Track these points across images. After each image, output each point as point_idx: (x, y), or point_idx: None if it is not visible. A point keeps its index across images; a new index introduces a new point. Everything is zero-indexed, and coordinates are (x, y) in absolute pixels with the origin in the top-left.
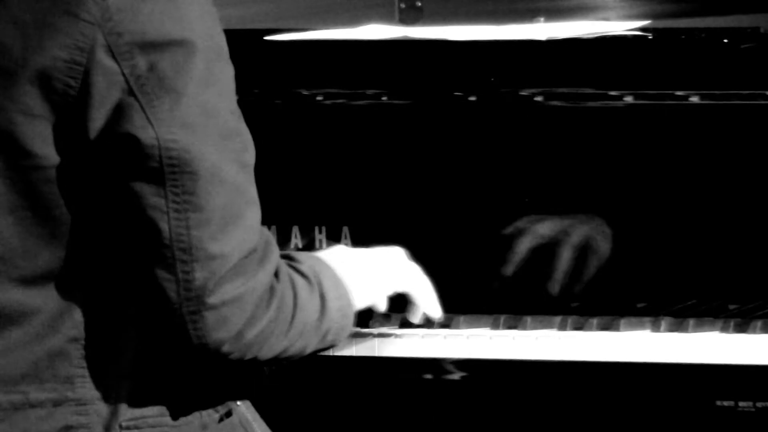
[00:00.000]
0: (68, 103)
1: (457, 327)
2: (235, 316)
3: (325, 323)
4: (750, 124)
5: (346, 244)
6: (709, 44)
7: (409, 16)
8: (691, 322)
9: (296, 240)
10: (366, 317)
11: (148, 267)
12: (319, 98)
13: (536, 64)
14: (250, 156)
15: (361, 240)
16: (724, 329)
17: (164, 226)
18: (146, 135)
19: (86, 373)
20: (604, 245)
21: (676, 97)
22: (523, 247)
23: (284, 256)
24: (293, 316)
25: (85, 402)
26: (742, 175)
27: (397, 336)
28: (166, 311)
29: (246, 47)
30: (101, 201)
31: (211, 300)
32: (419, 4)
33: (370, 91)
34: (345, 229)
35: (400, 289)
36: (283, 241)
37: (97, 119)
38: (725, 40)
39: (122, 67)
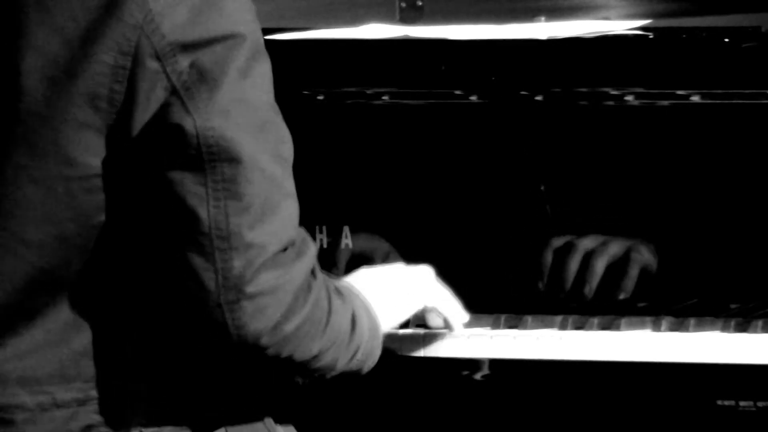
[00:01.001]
0: (115, 108)
1: None
2: (273, 307)
3: (356, 339)
4: (751, 124)
5: (346, 244)
6: (710, 43)
7: (410, 16)
8: (692, 321)
9: None
10: None
11: (185, 257)
12: (319, 98)
13: (537, 63)
14: (287, 150)
15: (361, 240)
16: (725, 329)
17: (203, 213)
18: (185, 123)
19: (109, 372)
20: (604, 244)
21: (677, 97)
22: (524, 246)
23: None
24: (327, 320)
25: (107, 400)
26: (742, 174)
27: (397, 336)
28: (204, 302)
29: None
30: (138, 199)
31: (250, 289)
32: (420, 3)
33: (370, 91)
34: (345, 229)
35: (428, 306)
36: None
37: (141, 120)
38: (726, 40)
39: (166, 68)
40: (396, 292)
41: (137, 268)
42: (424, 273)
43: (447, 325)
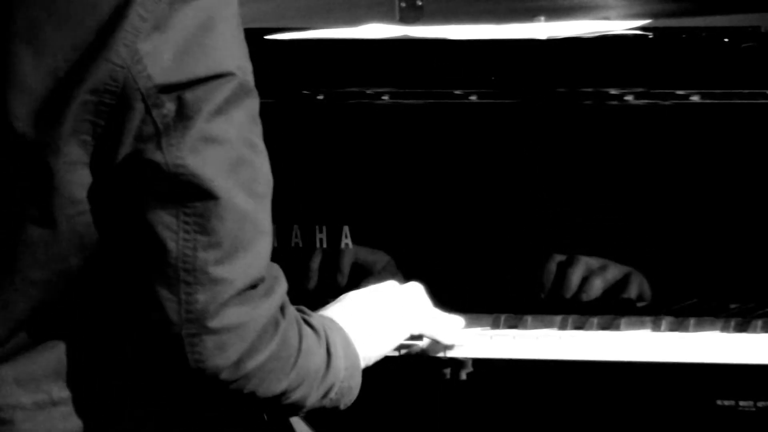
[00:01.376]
0: (97, 143)
1: None
2: (235, 344)
3: (330, 377)
4: (751, 124)
5: (347, 244)
6: (710, 43)
7: (410, 15)
8: (692, 321)
9: (296, 240)
10: None
11: (151, 286)
12: (319, 98)
13: (537, 63)
14: (262, 187)
15: (361, 240)
16: (725, 329)
17: (172, 245)
18: (158, 159)
19: (103, 370)
20: (605, 244)
21: (676, 97)
22: (524, 246)
23: (296, 309)
24: (296, 359)
25: (101, 399)
26: (742, 174)
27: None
28: (166, 332)
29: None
30: (116, 227)
31: (212, 324)
32: (420, 3)
33: (370, 91)
34: (345, 229)
35: (416, 333)
36: (283, 241)
37: (122, 153)
38: (726, 39)
39: (150, 109)
40: (383, 322)
41: (119, 292)
42: (414, 294)
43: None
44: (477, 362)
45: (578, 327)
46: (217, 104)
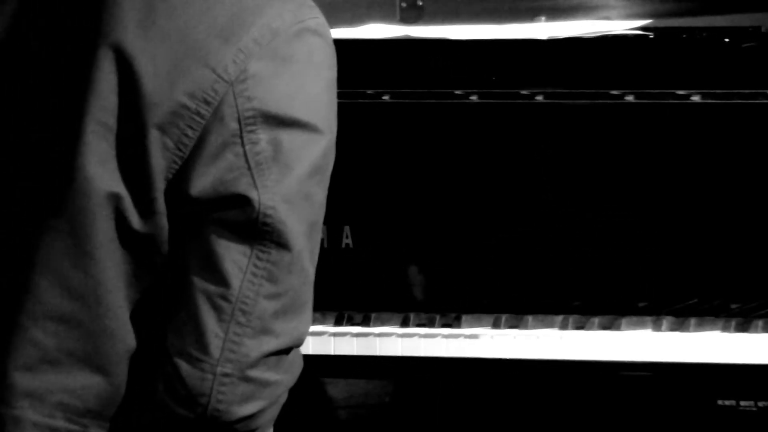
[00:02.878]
0: (181, 152)
1: (458, 326)
2: (260, 400)
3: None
4: (751, 124)
5: (347, 245)
6: (710, 43)
7: (410, 15)
8: (693, 321)
9: None
10: (366, 317)
11: (201, 315)
12: None
13: (537, 63)
14: (317, 254)
15: (361, 240)
16: (726, 329)
17: (236, 283)
18: (250, 194)
19: (137, 415)
20: (605, 244)
21: (677, 97)
22: (524, 246)
23: None
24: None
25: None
26: (742, 174)
27: (398, 335)
28: (199, 364)
29: None
30: (177, 246)
31: (250, 372)
32: (420, 3)
33: (370, 91)
34: (346, 229)
35: None
36: None
37: (204, 175)
38: (726, 40)
39: (243, 132)
40: None
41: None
42: None
43: None
44: (478, 362)
45: (579, 327)
46: (315, 162)
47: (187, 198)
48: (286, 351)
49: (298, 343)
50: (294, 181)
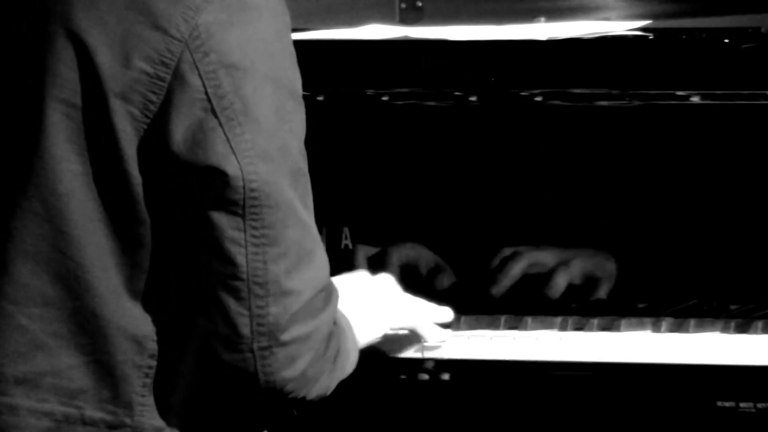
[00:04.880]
0: (148, 119)
1: (457, 328)
2: (304, 355)
3: (346, 370)
4: (750, 124)
5: (346, 245)
6: (710, 44)
7: (410, 16)
8: (692, 322)
9: None
10: None
11: (220, 299)
12: (319, 98)
13: (537, 64)
14: (311, 200)
15: (361, 240)
16: (725, 330)
17: (242, 260)
18: (230, 166)
19: (147, 401)
20: (604, 245)
21: (676, 97)
22: (524, 246)
23: None
24: (337, 359)
25: (142, 430)
26: (742, 175)
27: (398, 336)
28: (235, 346)
29: None
30: (177, 228)
31: (284, 336)
32: (420, 4)
33: (370, 91)
34: (345, 230)
35: (399, 326)
36: None
37: (178, 134)
38: (726, 40)
39: (206, 86)
40: (372, 311)
41: (180, 297)
42: (392, 285)
43: (423, 339)
44: (477, 363)
45: (578, 328)
46: (281, 109)
47: (166, 156)
48: (314, 298)
49: (321, 288)
50: (268, 137)
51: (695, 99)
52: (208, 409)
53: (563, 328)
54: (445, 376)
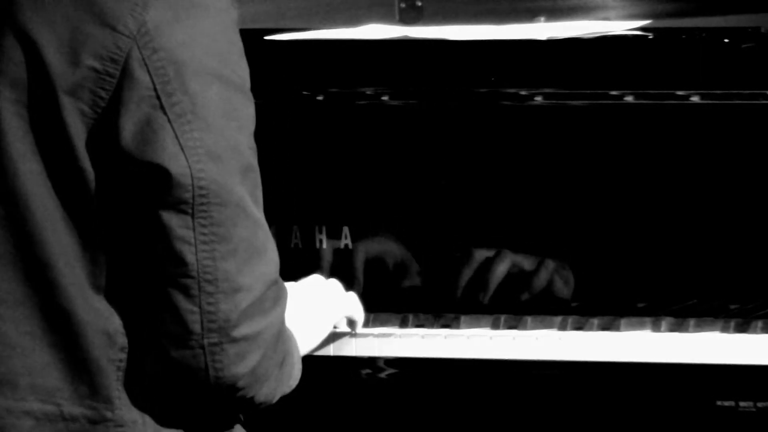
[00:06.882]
0: (97, 115)
1: (457, 327)
2: (253, 352)
3: (294, 375)
4: (750, 124)
5: (346, 245)
6: (710, 44)
7: (410, 16)
8: (692, 322)
9: (296, 241)
10: (365, 317)
11: (170, 297)
12: (319, 98)
13: (537, 63)
14: (261, 194)
15: (361, 240)
16: (725, 329)
17: (191, 258)
18: (178, 165)
19: (122, 395)
20: (604, 245)
21: (676, 97)
22: (522, 247)
23: None
24: (282, 363)
25: (123, 424)
26: (742, 175)
27: (396, 336)
28: (186, 343)
29: (246, 47)
30: (127, 225)
31: (234, 333)
32: (419, 3)
33: (370, 91)
34: (345, 229)
35: (342, 317)
36: (283, 241)
37: (127, 130)
38: (726, 40)
39: (155, 82)
40: (317, 315)
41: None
42: (333, 285)
43: (352, 327)
44: (477, 362)
45: (578, 328)
46: (230, 108)
47: (116, 152)
48: (264, 295)
49: (272, 283)
50: (216, 135)
51: (695, 99)
52: (173, 404)
53: (563, 327)
54: (445, 376)
